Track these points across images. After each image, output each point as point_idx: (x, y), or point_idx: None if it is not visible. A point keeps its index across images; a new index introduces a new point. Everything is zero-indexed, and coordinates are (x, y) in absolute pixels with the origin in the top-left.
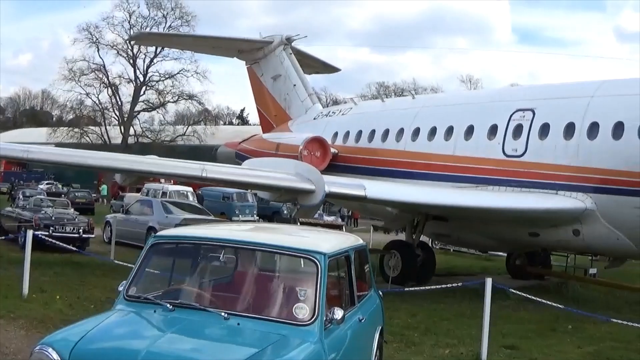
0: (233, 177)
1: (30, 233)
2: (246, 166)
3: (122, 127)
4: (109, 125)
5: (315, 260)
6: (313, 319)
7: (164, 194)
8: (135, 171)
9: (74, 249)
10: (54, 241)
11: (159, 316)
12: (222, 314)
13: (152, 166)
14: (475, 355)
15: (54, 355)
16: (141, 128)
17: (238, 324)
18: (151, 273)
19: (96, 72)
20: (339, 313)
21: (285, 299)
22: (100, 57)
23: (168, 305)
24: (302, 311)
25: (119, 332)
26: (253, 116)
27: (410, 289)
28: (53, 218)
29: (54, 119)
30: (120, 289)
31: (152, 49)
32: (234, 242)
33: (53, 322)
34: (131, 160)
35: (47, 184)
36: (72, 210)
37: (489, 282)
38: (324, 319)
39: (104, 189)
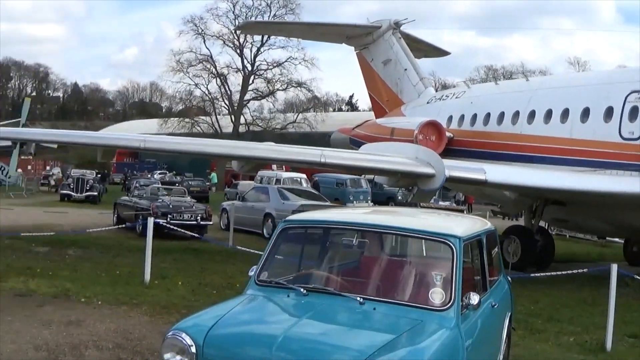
0: (352, 162)
1: (151, 220)
2: (364, 151)
3: (232, 116)
4: (219, 114)
5: (451, 244)
6: (450, 304)
7: (277, 181)
8: (254, 158)
9: (196, 235)
10: (175, 228)
11: (293, 301)
12: (358, 298)
13: (271, 152)
14: (600, 343)
15: (188, 340)
16: (251, 116)
17: (374, 308)
18: (281, 258)
19: (204, 62)
20: (475, 298)
21: (419, 283)
22: (207, 48)
23: (302, 289)
24: (439, 296)
25: (252, 317)
26: (362, 102)
27: (535, 275)
28: (170, 206)
29: (163, 110)
30: (251, 273)
31: (258, 38)
32: (365, 226)
33: (177, 307)
34: (250, 147)
35: (159, 173)
36: (189, 198)
37: (614, 268)
38: (460, 304)
39: (213, 177)
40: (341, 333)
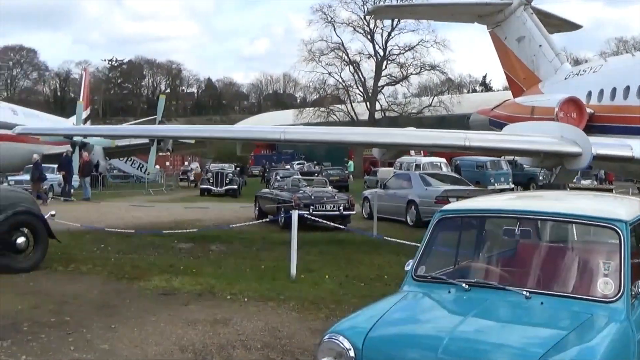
0: (496, 144)
1: (295, 213)
2: (507, 132)
3: (367, 103)
4: (354, 102)
5: (617, 229)
6: (619, 295)
7: (417, 166)
8: (396, 144)
9: (341, 226)
10: (318, 219)
11: (455, 297)
12: (524, 292)
13: (413, 138)
14: None
15: (346, 343)
16: (386, 102)
17: (542, 303)
18: (437, 250)
19: (335, 50)
20: None
21: (584, 273)
22: (338, 36)
23: (464, 284)
24: (607, 286)
25: (413, 316)
26: (496, 82)
27: None
28: (312, 197)
29: (297, 100)
30: (407, 268)
31: (388, 23)
32: (525, 213)
33: (325, 302)
34: (392, 134)
35: (297, 164)
36: (330, 188)
37: None
38: (630, 294)
39: (350, 165)
40: (510, 332)
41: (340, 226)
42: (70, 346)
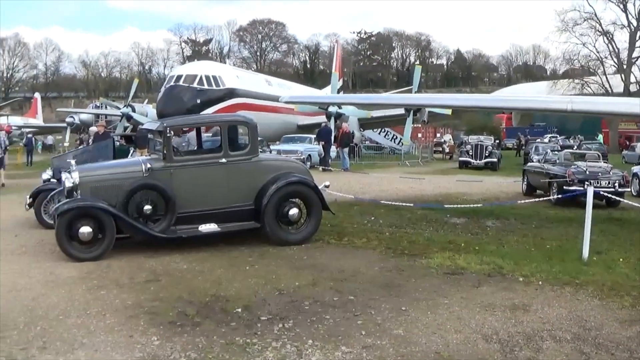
0: None
1: (590, 190)
2: None
3: (621, 75)
4: (608, 74)
5: None
6: None
7: None
8: None
9: (621, 199)
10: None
11: None
12: None
13: None
14: None
15: None
16: None
17: None
18: None
19: (588, 20)
20: None
21: None
22: (590, 5)
23: None
24: None
25: None
26: None
27: None
28: (587, 172)
29: (547, 72)
30: None
31: None
32: None
33: (625, 289)
34: None
35: (551, 137)
36: (604, 162)
37: None
38: None
39: (599, 138)
40: None
41: (619, 199)
42: (361, 330)
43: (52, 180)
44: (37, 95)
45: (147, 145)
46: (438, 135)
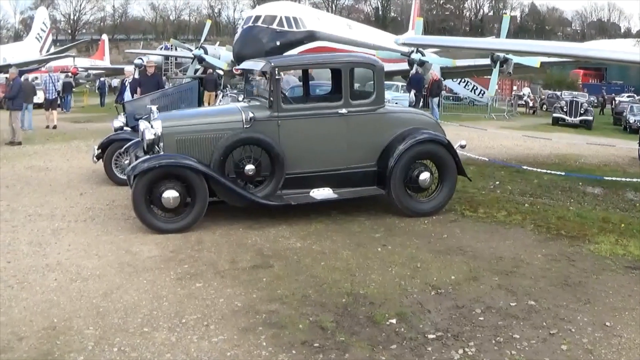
0: None
1: None
2: None
3: None
4: None
5: None
6: None
7: None
8: None
9: None
10: None
11: None
12: None
13: None
14: None
15: None
16: None
17: None
18: None
19: None
20: None
21: None
22: None
23: None
24: None
25: None
26: None
27: None
28: None
29: (621, 30)
30: None
31: None
32: None
33: None
34: None
35: (628, 96)
36: None
37: None
38: None
39: None
40: None
41: None
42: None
43: (125, 128)
44: (104, 37)
45: (215, 89)
46: (515, 88)
